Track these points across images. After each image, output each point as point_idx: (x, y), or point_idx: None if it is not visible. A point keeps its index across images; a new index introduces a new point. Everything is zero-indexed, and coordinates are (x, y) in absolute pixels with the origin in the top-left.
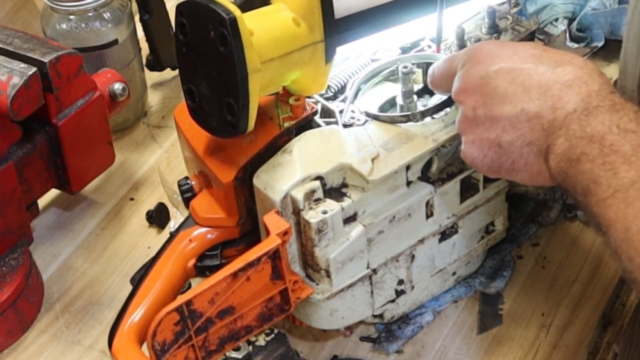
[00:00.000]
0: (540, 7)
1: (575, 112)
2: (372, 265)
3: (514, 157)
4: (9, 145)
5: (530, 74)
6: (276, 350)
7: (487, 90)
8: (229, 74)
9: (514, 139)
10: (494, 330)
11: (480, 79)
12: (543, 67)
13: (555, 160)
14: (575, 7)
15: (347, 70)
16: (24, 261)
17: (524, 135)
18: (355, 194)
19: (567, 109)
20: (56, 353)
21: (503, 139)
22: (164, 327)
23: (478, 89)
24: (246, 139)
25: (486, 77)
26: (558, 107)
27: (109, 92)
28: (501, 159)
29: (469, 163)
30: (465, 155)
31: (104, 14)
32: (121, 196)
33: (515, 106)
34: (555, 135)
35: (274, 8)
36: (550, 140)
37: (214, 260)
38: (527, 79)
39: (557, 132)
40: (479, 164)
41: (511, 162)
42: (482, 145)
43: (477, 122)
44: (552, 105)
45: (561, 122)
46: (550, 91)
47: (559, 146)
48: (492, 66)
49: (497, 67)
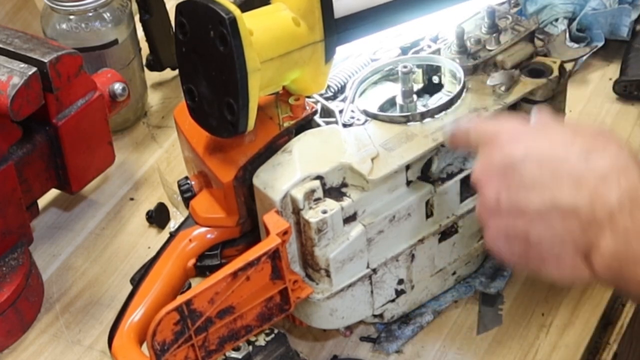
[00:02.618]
0: (540, 7)
1: (621, 206)
2: (372, 265)
3: (544, 253)
4: (9, 145)
5: (560, 161)
6: (276, 350)
7: (511, 176)
8: (229, 74)
9: (545, 235)
10: (494, 330)
11: (503, 165)
12: (574, 155)
13: (602, 260)
14: (575, 7)
15: (347, 70)
16: (24, 261)
17: (557, 232)
18: (355, 194)
19: (609, 204)
20: (56, 353)
21: (531, 233)
22: (163, 327)
23: (501, 175)
24: (246, 138)
25: (510, 163)
26: (598, 202)
27: (109, 92)
28: (529, 253)
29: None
30: (489, 245)
31: (104, 14)
32: (121, 196)
33: (544, 197)
34: (598, 234)
35: (274, 8)
36: (592, 239)
37: (213, 260)
38: (557, 166)
39: (601, 231)
40: (506, 257)
41: (541, 259)
42: (508, 237)
43: (501, 212)
44: (590, 200)
45: (605, 220)
46: (585, 183)
47: (606, 246)
48: (517, 151)
49: (522, 153)
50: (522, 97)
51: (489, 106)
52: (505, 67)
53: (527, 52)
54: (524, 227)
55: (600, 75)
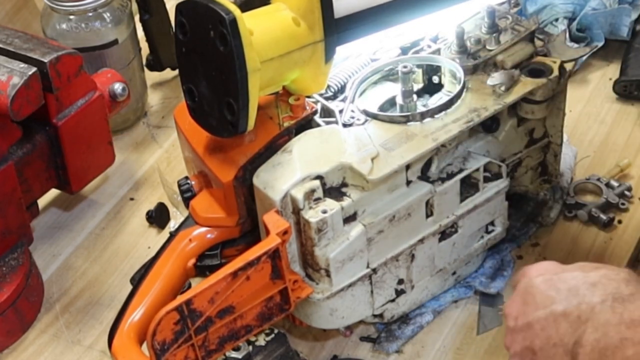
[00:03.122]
0: (540, 7)
1: (603, 303)
2: (372, 265)
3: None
4: (9, 145)
5: (565, 280)
6: (276, 350)
7: (527, 300)
8: (229, 74)
9: (543, 342)
10: (494, 330)
11: (523, 292)
12: (578, 272)
13: (584, 353)
14: (575, 7)
15: (347, 70)
16: (24, 261)
17: (552, 336)
18: (355, 194)
19: (592, 302)
20: (56, 353)
21: (535, 344)
22: (163, 327)
23: (520, 301)
24: (246, 138)
25: (529, 286)
26: (583, 303)
27: (109, 92)
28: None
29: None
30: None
31: (104, 14)
32: (121, 196)
33: (546, 310)
34: (581, 330)
35: (274, 8)
36: (577, 336)
37: (213, 259)
38: (561, 285)
39: (584, 325)
40: None
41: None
42: (521, 351)
43: (517, 331)
44: (577, 303)
45: (587, 316)
46: (576, 292)
47: (587, 339)
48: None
49: (537, 276)
50: (522, 97)
51: (489, 106)
52: (505, 67)
53: (527, 52)
54: (531, 339)
55: (600, 75)
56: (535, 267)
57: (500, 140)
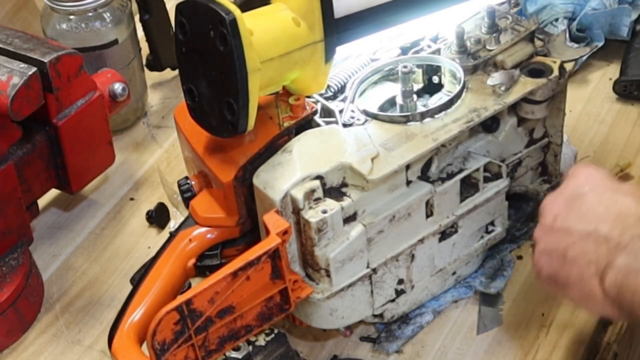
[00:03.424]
0: (540, 7)
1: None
2: (372, 265)
3: (572, 272)
4: (9, 145)
5: (616, 202)
6: (276, 350)
7: (573, 205)
8: (229, 74)
9: (578, 254)
10: (494, 330)
11: (571, 195)
12: (630, 199)
13: (612, 274)
14: (575, 7)
15: (347, 70)
16: (24, 261)
17: (588, 253)
18: (355, 194)
19: (635, 235)
20: (56, 353)
21: (569, 252)
22: (163, 327)
23: (566, 202)
24: (246, 138)
25: (578, 195)
26: (627, 233)
27: (109, 92)
28: (561, 271)
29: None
30: (536, 263)
31: (104, 14)
32: (121, 196)
33: (590, 225)
34: (616, 255)
35: (274, 8)
36: (611, 259)
37: (213, 259)
38: (611, 205)
39: (620, 252)
40: (543, 273)
41: (567, 277)
42: (551, 252)
43: (553, 231)
44: (621, 230)
45: (626, 244)
46: (624, 220)
47: (618, 262)
48: (587, 186)
49: (590, 188)
50: (522, 97)
51: (489, 106)
52: (505, 67)
53: (527, 52)
54: (565, 246)
55: (600, 75)
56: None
57: (500, 140)
